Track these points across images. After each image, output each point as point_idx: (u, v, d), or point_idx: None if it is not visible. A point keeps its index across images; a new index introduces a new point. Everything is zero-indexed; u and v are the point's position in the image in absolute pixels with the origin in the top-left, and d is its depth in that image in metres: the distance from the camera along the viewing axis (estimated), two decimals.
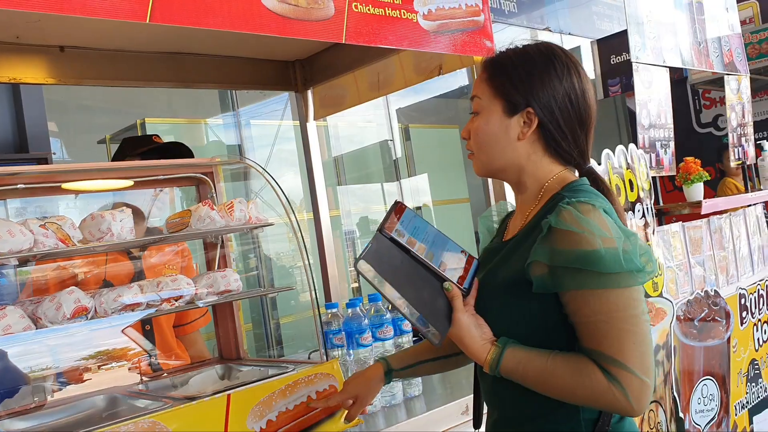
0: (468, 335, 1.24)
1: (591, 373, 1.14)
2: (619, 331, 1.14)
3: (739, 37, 4.10)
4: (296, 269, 5.54)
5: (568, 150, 1.30)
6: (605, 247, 1.13)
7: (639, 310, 1.16)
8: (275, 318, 5.17)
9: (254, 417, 1.55)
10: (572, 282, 1.16)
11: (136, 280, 2.14)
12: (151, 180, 1.98)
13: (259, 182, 3.04)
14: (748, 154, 4.05)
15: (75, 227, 1.56)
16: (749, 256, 3.61)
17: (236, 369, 1.95)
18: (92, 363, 1.74)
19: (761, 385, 3.50)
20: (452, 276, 1.29)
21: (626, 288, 1.15)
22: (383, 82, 2.62)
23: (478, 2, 2.12)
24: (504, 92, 1.30)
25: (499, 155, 1.31)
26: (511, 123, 1.29)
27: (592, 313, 1.15)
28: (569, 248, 1.15)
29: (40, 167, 2.26)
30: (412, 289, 1.24)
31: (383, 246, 1.26)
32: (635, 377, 1.12)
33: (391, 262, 1.25)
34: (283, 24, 1.65)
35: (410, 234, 1.29)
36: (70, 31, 2.21)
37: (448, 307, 1.26)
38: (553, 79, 1.28)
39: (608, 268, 1.13)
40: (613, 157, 2.69)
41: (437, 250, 1.30)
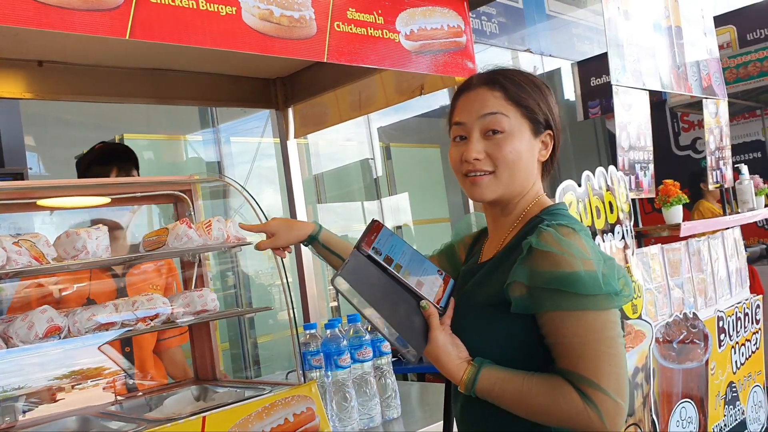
0: (444, 353, 1.25)
1: (566, 394, 1.15)
2: (595, 352, 1.14)
3: (717, 62, 4.16)
4: (275, 287, 5.49)
5: (550, 170, 1.36)
6: (585, 269, 1.15)
7: (615, 333, 1.17)
8: (252, 337, 5.12)
9: None
10: (551, 303, 1.17)
11: (120, 297, 2.11)
12: (128, 197, 1.95)
13: (238, 200, 3.01)
14: (726, 178, 4.10)
15: (49, 245, 1.53)
16: (727, 279, 3.64)
17: (212, 390, 1.91)
18: (65, 383, 1.69)
19: (739, 408, 3.51)
20: (429, 295, 1.29)
21: (604, 310, 1.16)
22: (365, 101, 2.62)
23: (461, 23, 2.13)
24: (530, 113, 1.31)
25: (525, 176, 1.31)
26: (536, 144, 1.32)
27: (570, 335, 1.16)
28: (549, 269, 1.16)
29: (15, 183, 2.22)
30: (389, 306, 1.24)
31: (360, 263, 1.26)
32: (610, 399, 1.13)
33: (368, 279, 1.25)
34: (265, 42, 1.64)
35: (387, 252, 1.30)
36: (49, 45, 2.19)
37: (424, 325, 1.26)
38: (553, 104, 1.35)
39: (587, 290, 1.14)
40: (593, 179, 2.70)
41: (414, 268, 1.31)
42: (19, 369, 1.62)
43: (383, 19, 1.92)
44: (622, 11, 3.27)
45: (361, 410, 1.93)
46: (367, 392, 1.93)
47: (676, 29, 3.75)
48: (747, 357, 3.63)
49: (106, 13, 1.41)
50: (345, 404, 1.87)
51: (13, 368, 1.57)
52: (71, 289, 2.03)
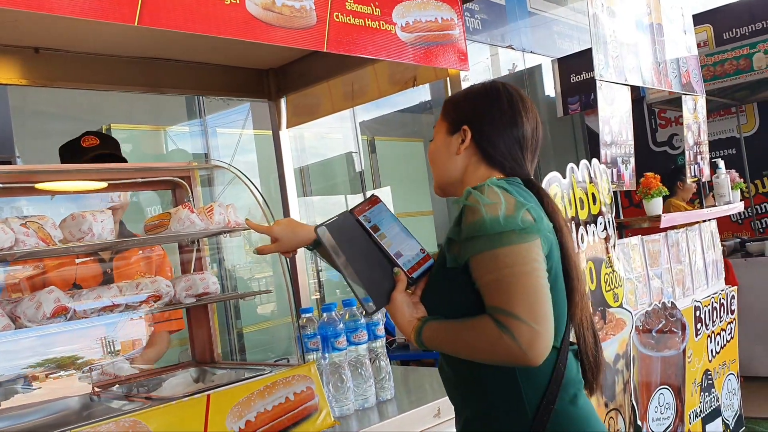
0: (399, 312, 1.39)
1: (486, 326, 1.25)
2: (507, 285, 1.25)
3: (696, 59, 4.27)
4: (254, 281, 5.52)
5: (501, 159, 1.46)
6: (488, 211, 1.27)
7: (529, 267, 1.26)
8: (238, 327, 5.14)
9: (233, 417, 1.56)
10: (470, 250, 1.29)
11: (106, 283, 2.13)
12: (128, 183, 1.98)
13: (220, 189, 3.04)
14: (704, 172, 4.21)
15: (56, 227, 1.56)
16: (704, 270, 3.74)
17: (210, 372, 1.95)
18: (69, 363, 1.72)
19: (714, 395, 3.62)
20: (404, 265, 1.41)
21: (512, 245, 1.26)
22: (358, 92, 2.66)
23: (453, 16, 2.19)
24: (448, 117, 1.53)
25: (444, 169, 1.51)
26: (452, 140, 1.50)
27: (486, 273, 1.27)
28: (468, 221, 1.29)
29: (14, 167, 2.23)
30: (363, 263, 1.37)
31: (348, 223, 1.40)
32: (523, 324, 1.22)
33: (350, 237, 1.38)
34: (267, 31, 1.69)
35: (376, 222, 1.42)
36: (46, 32, 2.20)
37: (392, 288, 1.39)
38: (485, 102, 1.48)
39: (491, 229, 1.26)
40: (577, 171, 2.78)
41: (397, 241, 1.43)
42: (26, 349, 1.65)
43: (380, 11, 1.97)
44: (606, 8, 3.35)
45: (356, 392, 1.98)
46: (362, 374, 1.98)
47: (658, 26, 3.84)
48: (722, 346, 3.75)
49: (115, 0, 1.45)
50: (341, 385, 1.92)
51: (20, 348, 1.59)
52: (57, 273, 2.03)
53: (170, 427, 1.48)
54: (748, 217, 6.61)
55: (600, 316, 2.77)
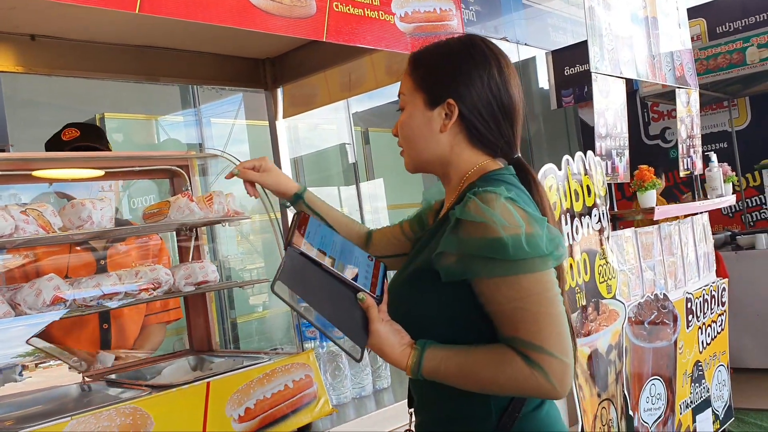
0: (387, 344, 1.21)
1: (511, 361, 1.14)
2: (534, 315, 1.14)
3: (690, 53, 4.29)
4: (245, 272, 5.52)
5: (492, 140, 1.30)
6: (507, 234, 1.13)
7: (552, 293, 1.16)
8: (232, 317, 5.15)
9: (233, 405, 1.57)
10: (482, 270, 1.16)
11: (103, 270, 2.13)
12: (125, 171, 1.98)
13: (214, 177, 3.02)
14: (696, 165, 4.24)
15: (56, 214, 1.56)
16: (696, 262, 3.78)
17: (209, 360, 1.96)
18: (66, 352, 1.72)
19: (704, 386, 3.66)
20: (364, 284, 1.25)
21: (536, 272, 1.14)
22: (354, 82, 2.67)
23: (452, 7, 2.20)
24: (424, 85, 1.31)
25: (424, 148, 1.32)
26: (433, 115, 1.30)
27: (506, 300, 1.15)
28: (475, 237, 1.15)
29: (16, 154, 2.23)
30: (329, 304, 1.19)
31: (296, 262, 1.20)
32: (555, 359, 1.12)
33: (305, 279, 1.20)
34: (268, 20, 1.69)
35: (318, 245, 1.25)
36: (43, 19, 2.20)
37: (363, 317, 1.22)
38: (472, 70, 1.28)
39: (514, 255, 1.13)
40: (573, 163, 2.79)
41: (346, 258, 1.27)
42: (25, 335, 1.65)
43: (379, 1, 1.97)
44: (602, 1, 3.36)
45: (353, 380, 1.99)
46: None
47: (652, 20, 3.86)
48: (713, 337, 3.79)
49: None
50: (338, 374, 1.94)
51: (19, 335, 1.60)
52: (49, 262, 2.03)
53: (170, 414, 1.49)
54: (739, 210, 6.66)
55: (593, 307, 2.80)
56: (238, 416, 1.58)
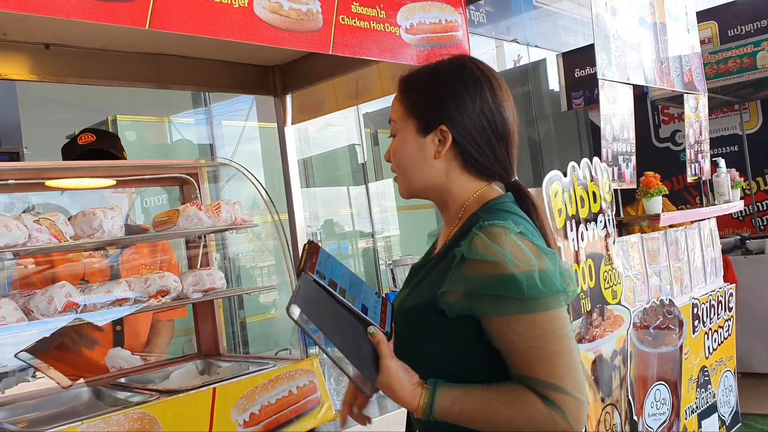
0: (397, 382, 1.16)
1: (529, 402, 1.11)
2: (549, 354, 1.11)
3: (698, 57, 4.29)
4: (257, 269, 5.57)
5: (488, 165, 1.27)
6: (520, 272, 1.10)
7: (565, 330, 1.14)
8: (241, 317, 5.20)
9: (238, 410, 1.61)
10: (493, 308, 1.13)
11: (114, 277, 2.18)
12: (136, 179, 2.02)
13: (224, 181, 3.06)
14: (704, 170, 4.25)
15: (67, 223, 1.61)
16: (702, 268, 3.78)
17: (216, 364, 2.01)
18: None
19: (710, 391, 3.67)
20: (374, 319, 1.20)
21: (550, 310, 1.12)
22: (361, 90, 2.70)
23: (458, 18, 2.22)
24: (416, 111, 1.28)
25: (418, 175, 1.28)
26: (426, 142, 1.26)
27: (519, 339, 1.12)
28: (485, 274, 1.12)
29: (28, 164, 2.28)
30: (340, 335, 1.16)
31: (309, 289, 1.17)
32: (571, 397, 1.11)
33: (318, 306, 1.16)
34: (274, 34, 1.72)
35: (330, 275, 1.21)
36: (57, 28, 2.24)
37: (372, 352, 1.18)
38: (464, 94, 1.24)
39: (529, 293, 1.10)
40: (578, 170, 2.81)
41: (356, 292, 1.24)
42: (30, 341, 1.70)
43: (385, 13, 2.01)
44: (610, 7, 3.38)
45: None
46: None
47: (661, 25, 3.86)
48: (719, 343, 3.79)
49: (127, 4, 1.49)
50: (342, 379, 1.97)
51: (31, 340, 1.64)
52: (67, 268, 2.08)
53: (177, 418, 1.53)
54: (749, 214, 6.64)
55: (598, 312, 2.82)
56: (243, 421, 1.62)
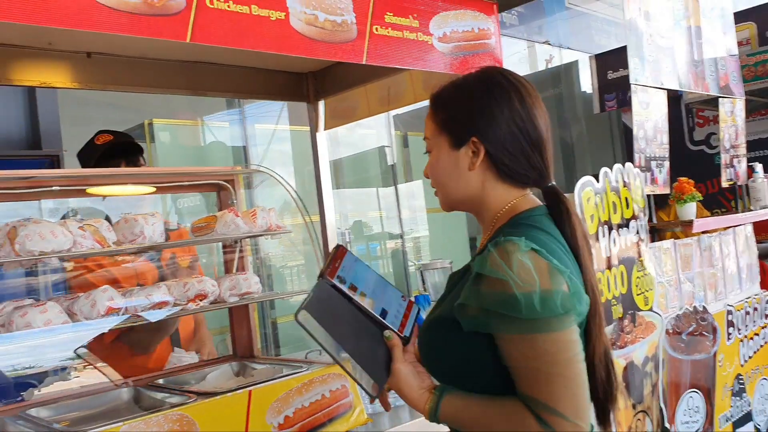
0: (406, 385, 1.23)
1: (524, 420, 1.14)
2: (548, 375, 1.13)
3: (735, 61, 4.23)
4: (286, 269, 5.63)
5: (522, 173, 1.29)
6: (520, 291, 1.12)
7: (571, 353, 1.15)
8: (272, 317, 5.27)
9: (273, 413, 1.65)
10: (499, 326, 1.15)
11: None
12: (175, 186, 2.08)
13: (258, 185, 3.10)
14: (740, 175, 4.18)
15: (110, 229, 1.67)
16: (737, 274, 3.73)
17: (250, 367, 2.05)
18: None
19: (745, 400, 3.62)
20: (393, 323, 1.26)
21: (551, 332, 1.13)
22: (393, 96, 2.72)
23: (490, 26, 2.24)
24: (447, 128, 1.31)
25: (455, 188, 1.31)
26: (460, 155, 1.29)
27: (522, 358, 1.15)
28: (492, 291, 1.15)
29: (70, 171, 2.35)
30: (353, 338, 1.21)
31: (325, 294, 1.22)
32: (567, 422, 1.12)
33: (332, 311, 1.21)
34: (311, 45, 1.76)
35: (351, 280, 1.25)
36: (99, 38, 2.31)
37: (387, 356, 1.23)
38: (492, 105, 1.27)
39: (527, 314, 1.12)
40: (611, 175, 2.80)
41: (378, 295, 1.27)
42: (73, 342, 1.76)
43: (418, 23, 2.03)
44: (643, 11, 3.35)
45: None
46: None
47: (696, 28, 3.82)
48: (755, 350, 3.73)
49: (169, 18, 1.54)
50: None
51: (73, 341, 1.70)
52: (125, 271, 2.16)
53: (214, 420, 1.57)
54: None
55: (630, 319, 2.80)
56: (278, 424, 1.66)
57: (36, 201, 1.91)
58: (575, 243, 1.28)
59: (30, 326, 1.51)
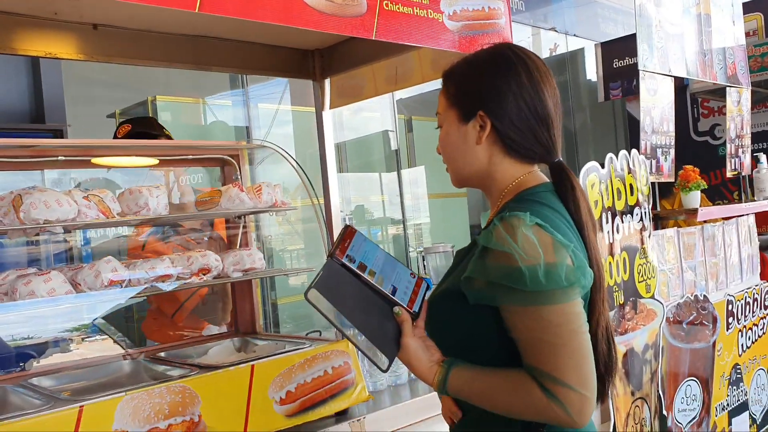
0: (415, 358, 1.25)
1: (530, 391, 1.15)
2: (553, 346, 1.14)
3: (743, 50, 4.21)
4: (286, 252, 5.63)
5: (529, 147, 1.29)
6: (525, 264, 1.13)
7: (575, 325, 1.16)
8: (273, 299, 5.28)
9: (275, 387, 1.65)
10: (504, 298, 1.17)
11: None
12: (178, 159, 2.06)
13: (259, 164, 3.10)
14: (744, 165, 4.17)
15: (115, 200, 1.66)
16: (739, 264, 3.73)
17: (252, 342, 2.05)
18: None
19: (742, 389, 3.63)
20: (402, 299, 1.28)
21: (555, 304, 1.15)
22: (401, 76, 2.70)
23: (500, 5, 2.22)
24: (455, 101, 1.32)
25: (463, 162, 1.33)
26: (468, 129, 1.30)
27: (527, 330, 1.16)
28: (498, 264, 1.16)
29: (75, 141, 2.34)
30: (362, 315, 1.24)
31: (334, 272, 1.25)
32: (573, 392, 1.13)
33: (341, 289, 1.24)
34: (320, 19, 1.74)
35: (360, 259, 1.28)
36: (105, 10, 2.28)
37: (397, 330, 1.26)
38: (499, 79, 1.28)
39: (531, 286, 1.13)
40: (616, 161, 2.79)
41: (387, 273, 1.30)
42: (82, 313, 1.76)
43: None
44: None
45: (390, 368, 2.05)
46: None
47: (705, 16, 3.79)
48: (753, 341, 3.74)
49: None
50: None
51: (77, 312, 1.70)
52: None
53: (217, 393, 1.57)
54: None
55: (631, 306, 2.80)
56: (279, 399, 1.66)
57: (39, 171, 1.90)
58: (580, 218, 1.29)
59: (33, 295, 1.50)
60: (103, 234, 3.50)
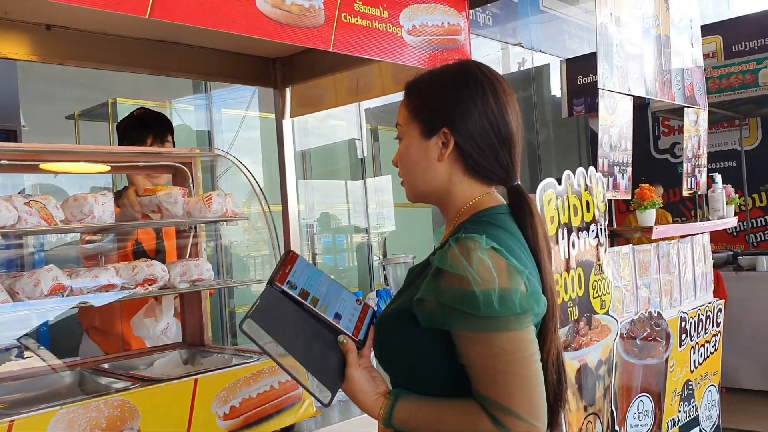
0: (360, 391, 1.22)
1: (478, 421, 1.12)
2: (505, 375, 1.11)
3: (701, 72, 4.30)
4: (250, 258, 5.57)
5: (490, 168, 1.28)
6: (479, 289, 1.11)
7: (528, 353, 1.14)
8: (230, 306, 5.21)
9: (219, 402, 1.61)
10: (457, 322, 1.13)
11: None
12: (129, 166, 2.02)
13: (224, 172, 3.04)
14: (700, 185, 4.25)
15: (58, 207, 1.61)
16: (693, 282, 3.79)
17: (200, 355, 2.01)
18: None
19: (693, 405, 3.69)
20: (347, 327, 1.23)
21: (508, 332, 1.12)
22: (362, 87, 2.70)
23: (461, 22, 2.22)
24: (419, 116, 1.29)
25: (422, 178, 1.30)
26: (430, 145, 1.28)
27: (478, 357, 1.13)
28: (452, 287, 1.13)
29: (22, 145, 2.27)
30: (303, 346, 1.18)
31: (273, 300, 1.19)
32: (523, 422, 1.11)
33: (280, 318, 1.18)
34: (276, 29, 1.72)
35: (303, 285, 1.22)
36: (58, 11, 2.23)
37: (341, 361, 1.20)
38: (466, 98, 1.26)
39: (485, 312, 1.10)
40: (573, 178, 2.82)
41: (331, 300, 1.25)
42: (19, 323, 1.70)
43: (388, 13, 2.00)
44: (614, 17, 3.38)
45: None
46: None
47: (665, 38, 3.86)
48: (705, 357, 3.81)
49: None
50: None
51: (14, 322, 1.64)
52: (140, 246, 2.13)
53: (158, 407, 1.53)
54: (744, 230, 6.67)
55: (585, 321, 2.82)
56: (223, 414, 1.62)
57: None
58: (536, 244, 1.27)
59: None
60: (60, 239, 3.42)
